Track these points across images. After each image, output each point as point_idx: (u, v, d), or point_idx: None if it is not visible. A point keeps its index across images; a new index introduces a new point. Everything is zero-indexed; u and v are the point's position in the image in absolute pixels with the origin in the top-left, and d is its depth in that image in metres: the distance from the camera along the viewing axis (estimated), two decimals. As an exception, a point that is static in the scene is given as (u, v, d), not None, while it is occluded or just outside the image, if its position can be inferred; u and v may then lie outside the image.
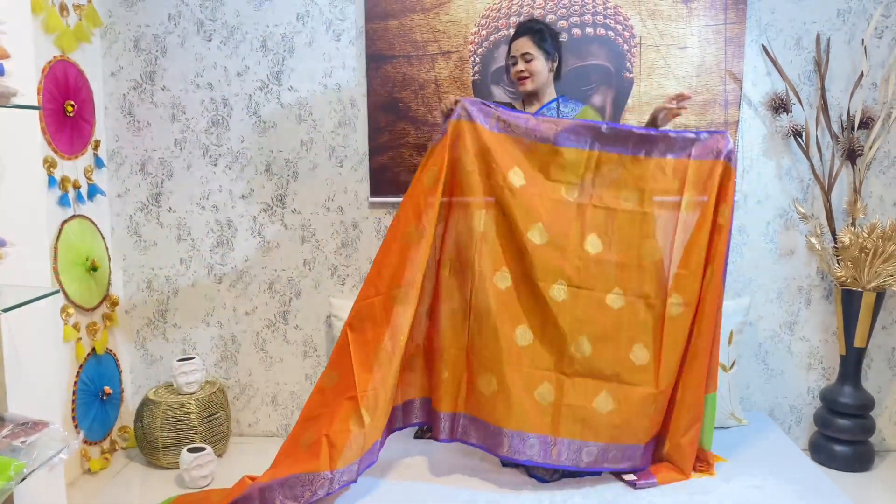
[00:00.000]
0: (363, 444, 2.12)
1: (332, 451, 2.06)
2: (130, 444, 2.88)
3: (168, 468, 2.69)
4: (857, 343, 2.67)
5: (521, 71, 2.39)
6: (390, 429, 2.33)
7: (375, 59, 2.78)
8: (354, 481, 2.13)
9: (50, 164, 2.48)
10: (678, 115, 2.35)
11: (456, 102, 2.27)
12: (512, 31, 2.60)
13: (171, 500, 2.29)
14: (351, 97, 2.83)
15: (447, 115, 2.28)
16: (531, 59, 2.38)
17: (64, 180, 2.56)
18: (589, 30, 2.72)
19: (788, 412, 2.92)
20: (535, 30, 2.40)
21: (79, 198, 2.67)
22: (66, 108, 2.55)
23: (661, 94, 2.72)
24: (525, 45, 2.39)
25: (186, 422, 2.67)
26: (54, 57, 2.51)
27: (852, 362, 2.71)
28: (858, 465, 2.69)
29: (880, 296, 2.64)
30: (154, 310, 2.98)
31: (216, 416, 2.76)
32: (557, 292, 2.25)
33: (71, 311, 2.58)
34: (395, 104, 2.80)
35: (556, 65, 2.46)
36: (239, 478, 2.17)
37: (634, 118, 2.73)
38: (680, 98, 2.29)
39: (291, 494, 2.04)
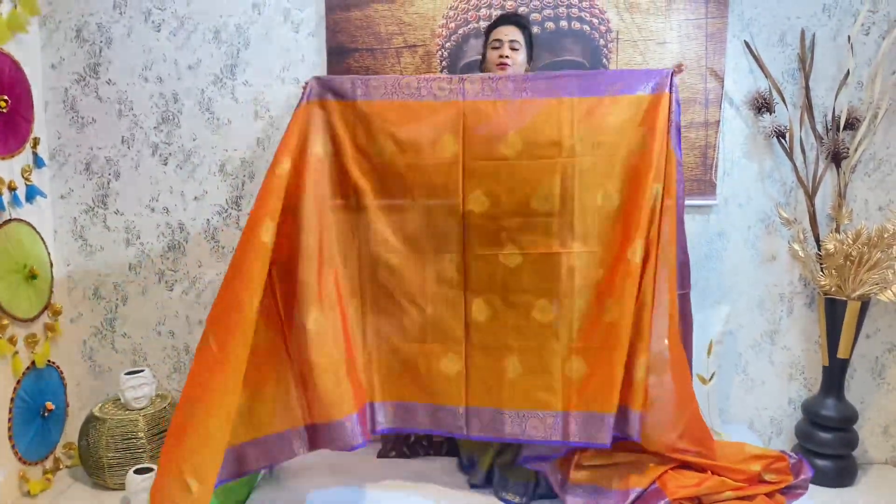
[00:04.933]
0: None
1: None
2: (76, 462, 2.70)
3: (115, 489, 2.52)
4: (841, 353, 2.56)
5: (506, 56, 2.27)
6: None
7: (337, 53, 2.61)
8: None
9: (-20, 165, 2.29)
10: None
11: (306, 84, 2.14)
12: (483, 23, 2.54)
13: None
14: (311, 93, 2.65)
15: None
16: (517, 48, 2.29)
17: (-3, 182, 2.37)
18: (563, 23, 2.56)
19: (769, 424, 2.81)
20: (522, 24, 2.34)
21: (15, 200, 2.47)
22: (-1, 104, 2.36)
23: (638, 92, 2.59)
24: (514, 32, 2.30)
25: (134, 440, 2.50)
26: (-16, 48, 2.31)
27: (835, 373, 2.60)
28: (841, 480, 2.58)
29: (865, 304, 2.53)
30: (101, 319, 2.79)
31: (166, 433, 2.59)
32: None
33: (5, 322, 2.39)
34: (357, 101, 2.63)
35: (529, 64, 2.39)
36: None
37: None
38: None
39: None
